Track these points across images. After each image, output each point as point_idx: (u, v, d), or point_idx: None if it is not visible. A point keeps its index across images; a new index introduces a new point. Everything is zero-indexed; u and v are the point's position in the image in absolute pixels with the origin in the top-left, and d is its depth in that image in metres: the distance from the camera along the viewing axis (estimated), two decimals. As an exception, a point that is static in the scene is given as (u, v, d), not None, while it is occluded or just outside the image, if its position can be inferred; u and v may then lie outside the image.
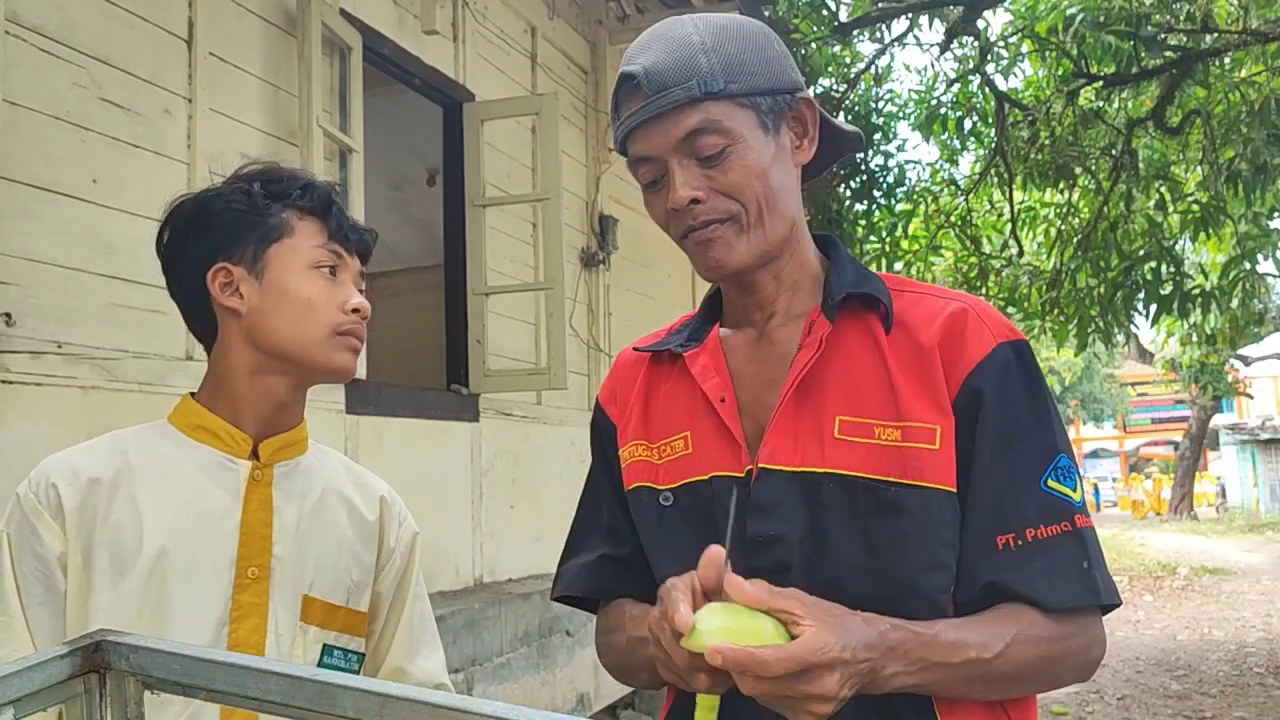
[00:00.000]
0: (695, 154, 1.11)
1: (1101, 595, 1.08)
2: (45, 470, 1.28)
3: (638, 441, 1.25)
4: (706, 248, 1.13)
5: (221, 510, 1.31)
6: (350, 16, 4.23)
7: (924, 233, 8.59)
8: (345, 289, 1.36)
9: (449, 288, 5.17)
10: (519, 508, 5.35)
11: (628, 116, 1.14)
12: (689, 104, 1.10)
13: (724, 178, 1.11)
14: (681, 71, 1.11)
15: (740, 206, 1.12)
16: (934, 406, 1.10)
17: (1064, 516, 1.09)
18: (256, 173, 1.38)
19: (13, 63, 2.82)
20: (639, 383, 1.29)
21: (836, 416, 1.12)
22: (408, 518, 1.49)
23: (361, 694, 0.72)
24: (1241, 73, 7.16)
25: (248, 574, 1.29)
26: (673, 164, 1.12)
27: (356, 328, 1.35)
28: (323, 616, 1.35)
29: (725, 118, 1.11)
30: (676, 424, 1.22)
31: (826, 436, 1.11)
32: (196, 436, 1.33)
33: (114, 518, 1.26)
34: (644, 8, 6.39)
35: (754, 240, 1.13)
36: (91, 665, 0.78)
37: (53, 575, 1.25)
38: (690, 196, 1.11)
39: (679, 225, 1.14)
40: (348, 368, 1.36)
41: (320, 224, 1.36)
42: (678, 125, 1.11)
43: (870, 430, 1.10)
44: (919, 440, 1.09)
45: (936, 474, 1.08)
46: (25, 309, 2.84)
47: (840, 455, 1.10)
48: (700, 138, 1.10)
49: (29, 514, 1.25)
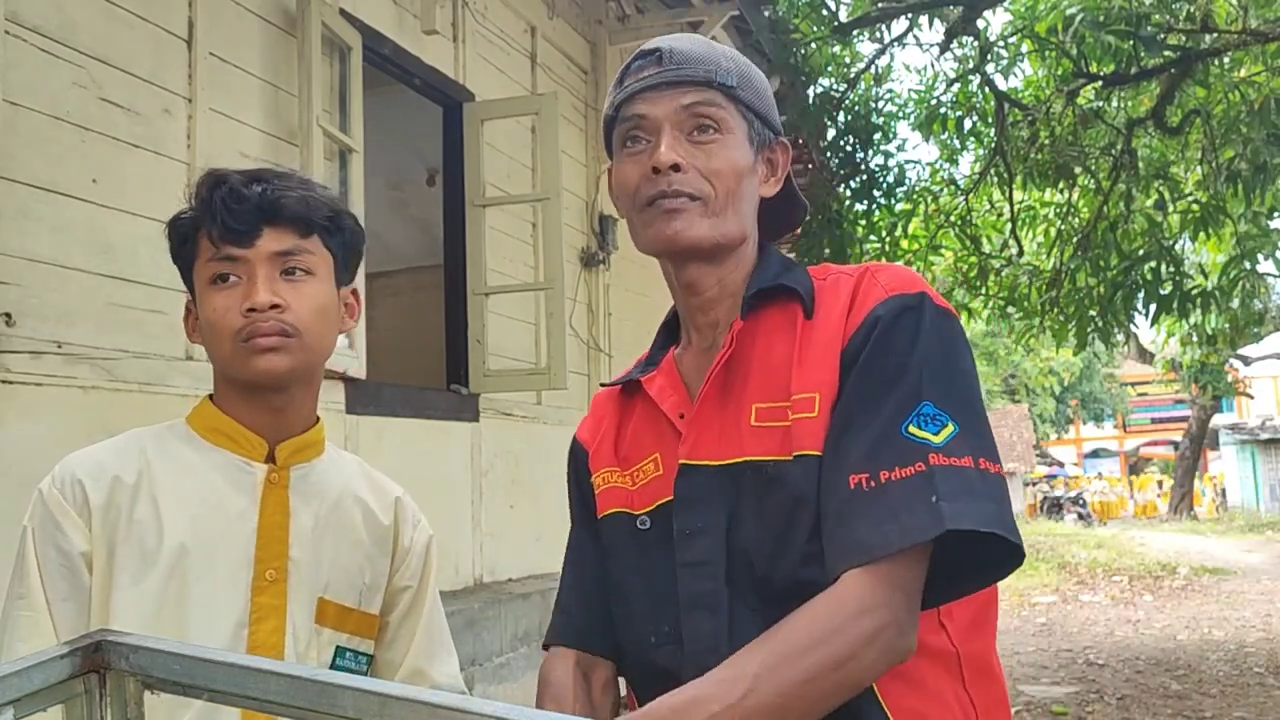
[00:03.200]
0: (688, 129, 1.17)
1: (947, 521, 1.00)
2: (70, 467, 1.28)
3: (610, 469, 1.27)
4: (671, 217, 1.16)
5: (239, 512, 1.31)
6: (350, 16, 4.23)
7: (924, 233, 8.59)
8: (239, 292, 1.27)
9: (449, 288, 5.17)
10: (519, 508, 5.35)
11: (637, 80, 1.19)
12: (702, 84, 1.17)
13: (706, 161, 1.16)
14: (703, 60, 1.18)
15: (712, 190, 1.16)
16: (819, 376, 1.11)
17: (918, 457, 1.03)
18: (194, 186, 1.33)
19: (13, 63, 2.82)
20: (610, 415, 1.32)
21: (753, 405, 1.14)
22: (422, 520, 1.49)
23: (361, 694, 0.72)
24: (1241, 73, 7.16)
25: (265, 576, 1.30)
26: (666, 129, 1.16)
27: (257, 326, 1.26)
28: (337, 619, 1.35)
29: (726, 112, 1.18)
30: (646, 448, 1.24)
31: (744, 426, 1.14)
32: (213, 440, 1.34)
33: (137, 516, 1.27)
34: (644, 8, 6.39)
35: (714, 224, 1.17)
36: (91, 665, 0.78)
37: (78, 571, 1.25)
38: (675, 161, 1.15)
39: (650, 189, 1.16)
40: (267, 370, 1.27)
41: (209, 231, 1.28)
42: (684, 95, 1.16)
43: (784, 413, 1.12)
44: (802, 411, 1.11)
45: (814, 440, 1.09)
46: (25, 309, 2.84)
47: (756, 443, 1.12)
48: (699, 116, 1.17)
49: (54, 510, 1.25)
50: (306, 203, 1.30)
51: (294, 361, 1.29)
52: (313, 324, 1.30)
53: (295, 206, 1.29)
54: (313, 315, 1.30)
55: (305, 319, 1.29)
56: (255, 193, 1.28)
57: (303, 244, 1.30)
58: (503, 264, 5.32)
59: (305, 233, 1.30)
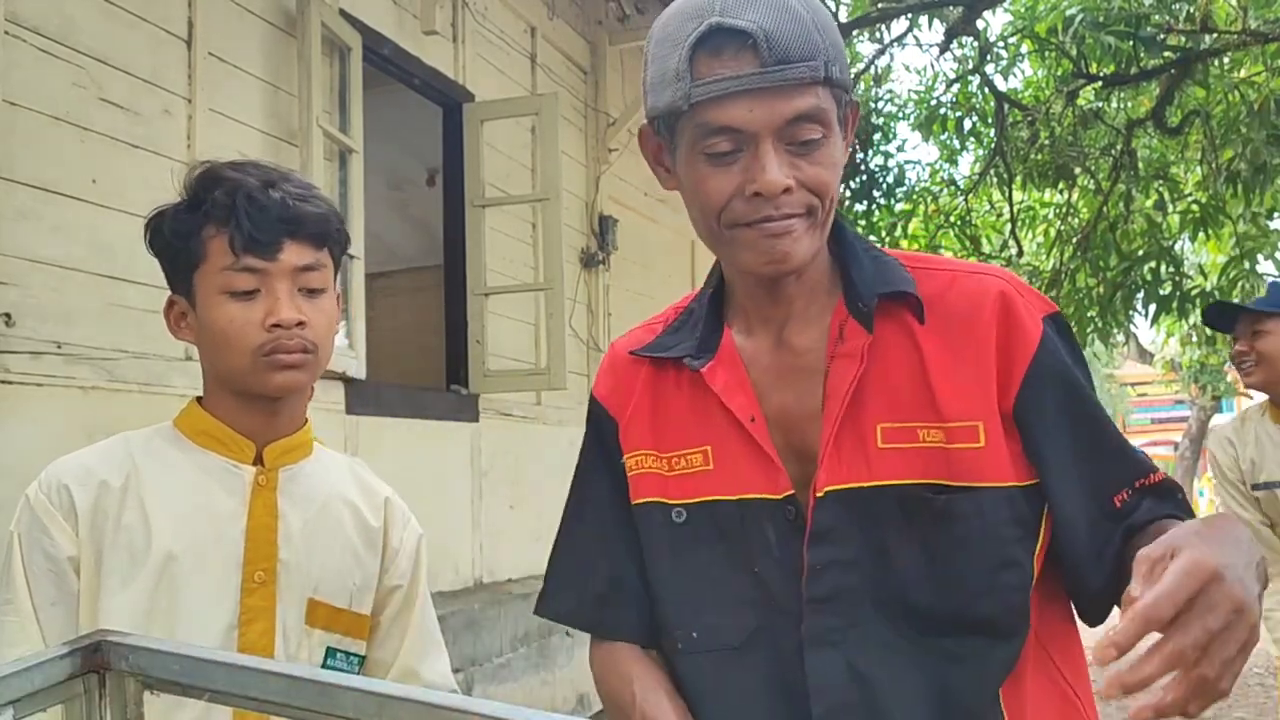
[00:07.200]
0: (791, 139, 1.01)
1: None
2: (57, 472, 1.28)
3: (645, 451, 1.16)
4: (776, 241, 1.02)
5: (227, 515, 1.31)
6: (350, 17, 4.23)
7: (924, 233, 8.58)
8: (263, 305, 1.26)
9: (449, 288, 5.17)
10: (519, 508, 5.35)
11: (730, 79, 0.99)
12: (810, 84, 1.00)
13: (810, 170, 1.02)
14: (805, 46, 0.99)
15: (818, 202, 1.03)
16: (976, 402, 1.04)
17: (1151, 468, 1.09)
18: (193, 181, 1.31)
19: (13, 63, 2.82)
20: (641, 387, 1.19)
21: (878, 425, 1.06)
22: (411, 520, 1.48)
23: (361, 694, 0.72)
24: (1241, 73, 7.16)
25: (254, 578, 1.29)
26: (766, 144, 1.00)
27: (282, 343, 1.26)
28: (327, 619, 1.35)
29: (829, 109, 1.02)
30: (693, 436, 1.13)
31: (870, 448, 1.05)
32: (201, 442, 1.33)
33: (125, 520, 1.27)
34: (644, 8, 6.38)
35: (816, 239, 1.05)
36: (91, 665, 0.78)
37: (65, 576, 1.25)
38: (785, 185, 1.00)
39: (750, 213, 1.02)
40: (286, 386, 1.29)
41: (227, 238, 1.26)
42: (789, 104, 0.99)
43: (914, 434, 1.05)
44: (962, 440, 1.04)
45: (986, 471, 1.03)
46: (25, 309, 2.84)
47: (887, 466, 1.05)
48: (805, 123, 1.01)
49: (40, 515, 1.25)
50: (325, 218, 1.31)
51: (310, 377, 1.32)
52: (327, 339, 1.33)
53: (316, 221, 1.30)
54: (327, 330, 1.32)
55: (322, 335, 1.31)
56: (275, 201, 1.27)
57: (320, 258, 1.31)
58: (503, 264, 5.32)
59: (320, 246, 1.31)
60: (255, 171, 1.31)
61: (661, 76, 1.04)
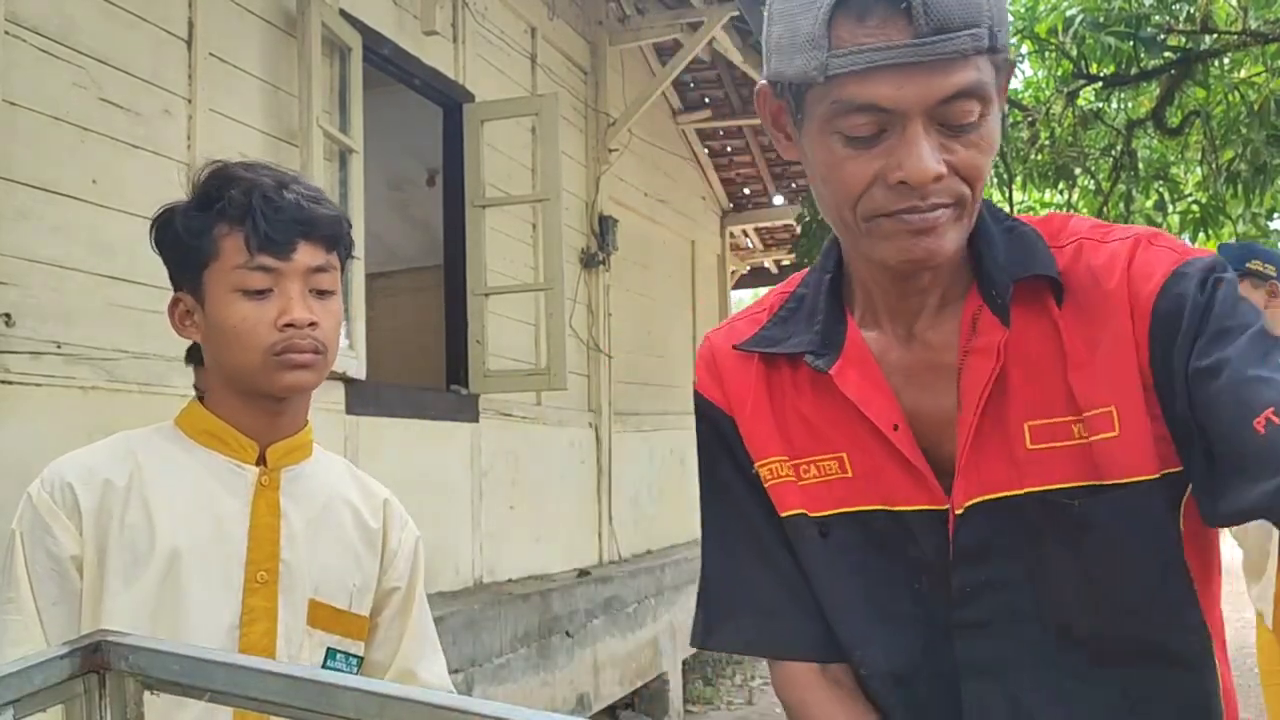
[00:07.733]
0: (944, 120, 0.87)
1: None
2: (59, 470, 1.28)
3: (778, 459, 1.04)
4: (921, 235, 0.89)
5: (231, 515, 1.31)
6: (350, 17, 4.23)
7: (924, 233, 8.59)
8: (276, 305, 1.27)
9: (449, 288, 5.17)
10: (519, 508, 5.35)
11: (877, 49, 0.84)
12: (972, 55, 0.85)
13: (965, 154, 0.88)
14: (968, 10, 0.84)
15: (969, 192, 0.90)
16: (1109, 383, 0.91)
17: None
18: (204, 179, 1.32)
19: (13, 63, 2.82)
20: (756, 386, 1.06)
21: (1025, 423, 0.93)
22: (409, 522, 1.49)
23: (361, 694, 0.72)
24: (1241, 73, 7.16)
25: (256, 578, 1.30)
26: (916, 126, 0.86)
27: (294, 342, 1.27)
28: (328, 620, 1.35)
29: (989, 80, 0.87)
30: (826, 442, 1.02)
31: (1018, 450, 0.93)
32: (204, 442, 1.34)
33: (129, 520, 1.27)
34: (644, 8, 6.38)
35: (963, 230, 0.92)
36: (91, 665, 0.78)
37: (67, 575, 1.25)
38: (938, 173, 0.86)
39: (892, 200, 0.88)
40: (296, 385, 1.30)
41: (242, 237, 1.26)
42: (947, 80, 0.84)
43: (1068, 430, 0.92)
44: (1099, 430, 0.91)
45: (1119, 466, 0.91)
46: (25, 309, 2.84)
47: (1039, 470, 0.93)
48: (964, 100, 0.86)
49: (43, 514, 1.25)
50: (337, 220, 1.33)
51: (319, 378, 1.32)
52: (335, 340, 1.34)
53: (329, 223, 1.31)
54: (336, 331, 1.34)
55: (331, 335, 1.32)
56: (290, 202, 1.28)
57: (330, 260, 1.32)
58: (503, 264, 5.32)
59: (331, 248, 1.32)
60: (267, 172, 1.32)
61: (791, 38, 0.89)
